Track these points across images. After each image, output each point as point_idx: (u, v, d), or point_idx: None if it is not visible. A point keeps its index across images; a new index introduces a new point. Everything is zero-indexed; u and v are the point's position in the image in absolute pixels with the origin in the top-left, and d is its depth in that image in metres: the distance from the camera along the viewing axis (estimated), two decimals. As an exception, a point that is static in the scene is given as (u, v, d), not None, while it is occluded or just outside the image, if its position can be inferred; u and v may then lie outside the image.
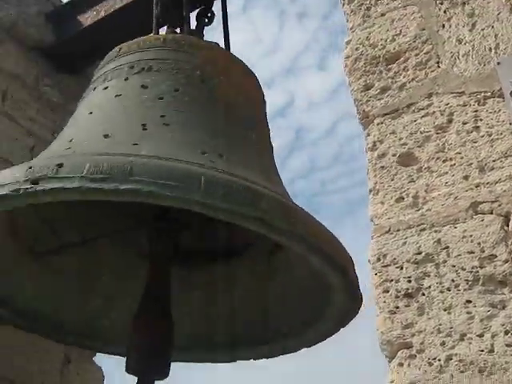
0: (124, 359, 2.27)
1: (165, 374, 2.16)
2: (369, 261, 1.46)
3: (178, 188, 1.60)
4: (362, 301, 2.13)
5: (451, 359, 1.27)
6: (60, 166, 1.64)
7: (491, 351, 1.25)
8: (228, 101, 2.20)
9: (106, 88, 2.19)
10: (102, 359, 3.09)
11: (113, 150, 1.77)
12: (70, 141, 1.94)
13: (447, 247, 1.36)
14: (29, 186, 1.63)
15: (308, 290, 2.36)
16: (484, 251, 1.33)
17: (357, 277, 2.02)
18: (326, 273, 1.92)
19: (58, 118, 3.16)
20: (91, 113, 2.11)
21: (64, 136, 2.06)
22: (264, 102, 2.48)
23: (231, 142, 2.04)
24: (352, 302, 2.10)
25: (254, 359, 2.64)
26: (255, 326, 2.57)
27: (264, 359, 2.64)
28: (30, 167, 1.67)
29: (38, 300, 2.47)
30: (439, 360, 1.28)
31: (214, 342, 2.64)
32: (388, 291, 1.39)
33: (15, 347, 2.64)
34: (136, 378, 2.15)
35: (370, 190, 1.52)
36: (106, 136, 1.91)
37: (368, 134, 1.58)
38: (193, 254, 2.62)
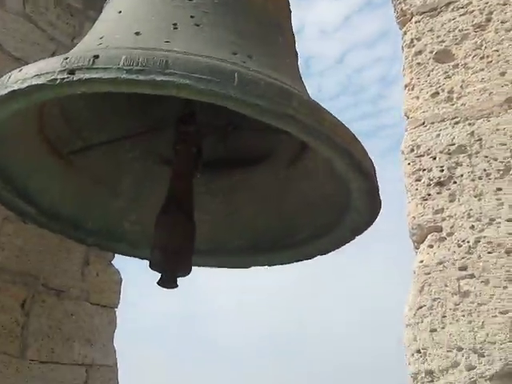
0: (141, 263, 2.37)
1: (187, 270, 2.25)
2: (402, 152, 1.50)
3: (213, 82, 1.63)
4: (380, 208, 2.18)
5: (479, 241, 1.34)
6: (96, 57, 1.66)
7: (518, 234, 1.32)
8: (257, 5, 2.20)
9: (134, -13, 2.17)
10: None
11: (146, 46, 1.79)
12: (101, 38, 1.94)
13: (480, 139, 1.41)
14: (65, 76, 1.65)
15: (326, 197, 2.42)
16: (516, 143, 1.38)
17: (378, 183, 2.07)
18: (349, 177, 1.97)
19: (78, 23, 3.14)
20: (120, 12, 2.10)
21: (94, 34, 2.06)
22: (290, 11, 2.47)
23: (260, 44, 2.05)
24: (371, 209, 2.16)
25: (269, 265, 2.73)
26: (272, 232, 2.64)
27: (279, 265, 2.73)
28: (67, 58, 1.68)
29: (62, 200, 2.53)
30: (468, 242, 1.35)
31: (231, 247, 2.72)
32: (420, 180, 1.45)
33: (40, 247, 2.72)
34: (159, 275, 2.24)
35: (406, 86, 1.56)
36: (137, 33, 1.91)
37: (405, 33, 1.60)
38: (214, 161, 2.67)
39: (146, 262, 2.30)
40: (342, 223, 2.34)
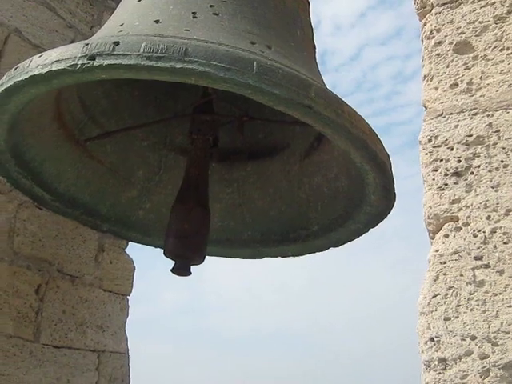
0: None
1: (201, 259, 2.26)
2: (420, 142, 1.51)
3: (232, 70, 1.64)
4: (394, 201, 2.18)
5: (495, 232, 1.35)
6: (116, 43, 1.67)
7: (534, 226, 1.32)
8: (276, -3, 2.20)
9: (153, -23, 2.18)
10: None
11: (165, 34, 1.79)
12: (121, 25, 1.95)
13: (498, 130, 1.41)
14: (86, 62, 1.66)
15: (340, 190, 2.43)
16: (534, 135, 1.38)
17: (393, 177, 2.07)
18: (364, 169, 1.97)
19: (97, 12, 3.15)
20: (140, 0, 2.11)
21: (114, 21, 2.08)
22: (308, 4, 2.47)
23: (278, 35, 2.05)
24: (385, 202, 2.16)
25: (282, 257, 2.74)
26: (285, 224, 2.65)
27: (291, 257, 2.74)
28: (87, 44, 1.70)
29: (77, 187, 2.55)
30: (484, 232, 1.36)
31: (243, 238, 2.74)
32: (437, 170, 1.45)
33: (55, 233, 2.74)
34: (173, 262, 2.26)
35: (425, 76, 1.56)
36: (156, 21, 1.93)
37: (425, 24, 1.60)
38: (228, 152, 2.68)
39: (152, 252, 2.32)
40: (355, 216, 2.34)
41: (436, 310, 1.32)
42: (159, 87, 2.62)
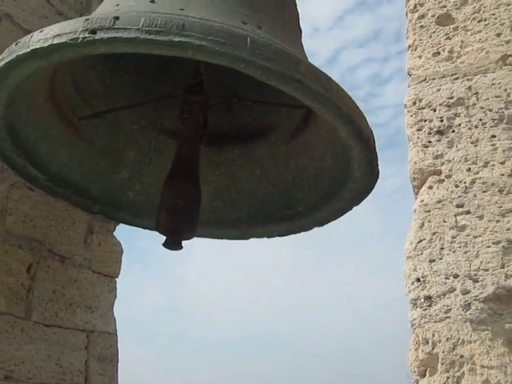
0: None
1: (192, 233, 2.34)
2: (405, 105, 1.62)
3: (227, 45, 1.73)
4: (378, 177, 2.28)
5: (475, 182, 1.49)
6: (117, 18, 1.75)
7: (510, 175, 1.47)
8: (263, -19, 2.29)
9: (146, -39, 2.26)
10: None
11: (162, 12, 1.87)
12: (117, 5, 2.02)
13: (477, 93, 1.55)
14: (87, 36, 1.74)
15: (325, 170, 2.53)
16: (510, 96, 1.53)
17: (377, 153, 2.17)
18: (349, 144, 2.07)
19: (85, 0, 3.22)
20: (134, -18, 2.18)
21: (109, 2, 2.14)
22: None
23: (268, 17, 2.14)
24: (369, 178, 2.25)
25: (268, 237, 2.83)
26: (271, 205, 2.74)
27: (277, 237, 2.83)
28: (88, 19, 1.77)
29: (69, 167, 2.61)
30: (465, 183, 1.50)
31: (230, 219, 2.82)
32: (421, 129, 1.58)
33: (45, 214, 2.79)
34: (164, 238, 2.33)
35: (409, 46, 1.68)
36: (152, 1, 2.00)
37: (408, -1, 1.72)
38: (217, 135, 2.76)
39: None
40: (339, 194, 2.44)
41: (422, 254, 1.43)
42: (149, 71, 2.69)
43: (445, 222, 1.45)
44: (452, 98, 1.56)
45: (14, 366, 2.54)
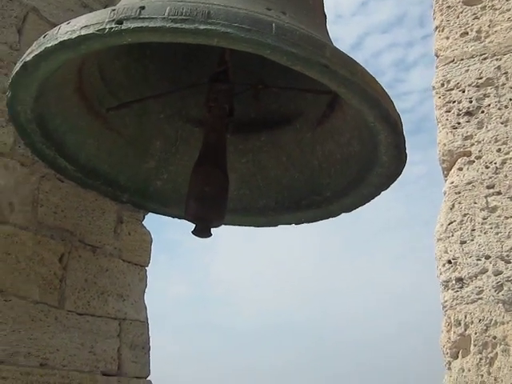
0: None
1: (220, 221, 2.35)
2: (433, 87, 1.61)
3: (252, 31, 1.73)
4: (406, 161, 2.27)
5: (506, 162, 1.48)
6: (142, 8, 1.76)
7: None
8: (287, -33, 2.28)
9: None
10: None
11: (186, 0, 1.88)
12: (142, -5, 2.04)
13: (506, 72, 1.53)
14: (114, 26, 1.75)
15: (352, 155, 2.52)
16: (540, 73, 1.50)
17: (404, 136, 2.15)
18: (376, 128, 2.06)
19: (110, -8, 3.25)
20: (158, -28, 2.19)
21: (133, -8, 2.16)
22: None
23: (292, 3, 2.13)
24: (397, 162, 2.24)
25: (296, 224, 2.84)
26: (298, 191, 2.75)
27: (305, 224, 2.84)
28: (114, 9, 1.79)
29: (97, 158, 2.64)
30: (495, 163, 1.48)
31: (257, 206, 2.83)
32: (450, 111, 1.57)
33: (76, 204, 2.84)
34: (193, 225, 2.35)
35: (436, 27, 1.66)
36: (176, -10, 2.01)
37: (435, -21, 1.71)
38: (243, 123, 2.77)
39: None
40: (366, 180, 2.43)
41: (452, 236, 1.43)
42: (174, 60, 2.71)
43: (475, 203, 1.45)
44: (481, 78, 1.54)
45: (49, 354, 2.59)
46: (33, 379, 2.50)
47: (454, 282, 1.39)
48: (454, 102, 1.55)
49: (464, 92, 1.56)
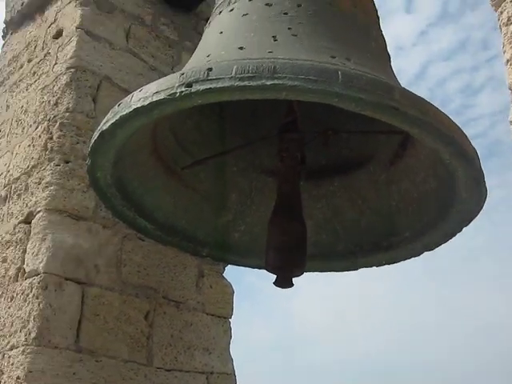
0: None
1: (301, 270, 2.34)
2: (510, 122, 1.57)
3: (318, 82, 1.74)
4: (486, 195, 2.21)
5: None
6: (210, 69, 1.81)
7: None
8: (347, 14, 2.31)
9: (231, 10, 2.33)
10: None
11: (252, 57, 1.92)
12: (208, 55, 2.10)
13: None
14: (184, 89, 1.81)
15: (429, 193, 2.47)
16: None
17: (483, 170, 2.10)
18: (453, 165, 2.02)
19: (176, 54, 3.37)
20: (221, 32, 2.26)
21: (200, 54, 2.23)
22: (378, 17, 2.55)
23: (355, 48, 2.15)
24: (477, 197, 2.18)
25: (377, 266, 2.78)
26: (376, 233, 2.71)
27: (386, 265, 2.78)
28: (183, 73, 1.85)
29: (175, 215, 2.70)
30: None
31: (336, 250, 2.80)
32: None
33: (157, 262, 2.91)
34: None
35: (507, 61, 1.62)
36: (240, 48, 2.06)
37: (501, 12, 1.67)
38: (314, 170, 2.77)
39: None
40: (447, 217, 2.37)
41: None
42: (243, 114, 2.76)
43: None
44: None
45: (142, 412, 2.62)
46: None
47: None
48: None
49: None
